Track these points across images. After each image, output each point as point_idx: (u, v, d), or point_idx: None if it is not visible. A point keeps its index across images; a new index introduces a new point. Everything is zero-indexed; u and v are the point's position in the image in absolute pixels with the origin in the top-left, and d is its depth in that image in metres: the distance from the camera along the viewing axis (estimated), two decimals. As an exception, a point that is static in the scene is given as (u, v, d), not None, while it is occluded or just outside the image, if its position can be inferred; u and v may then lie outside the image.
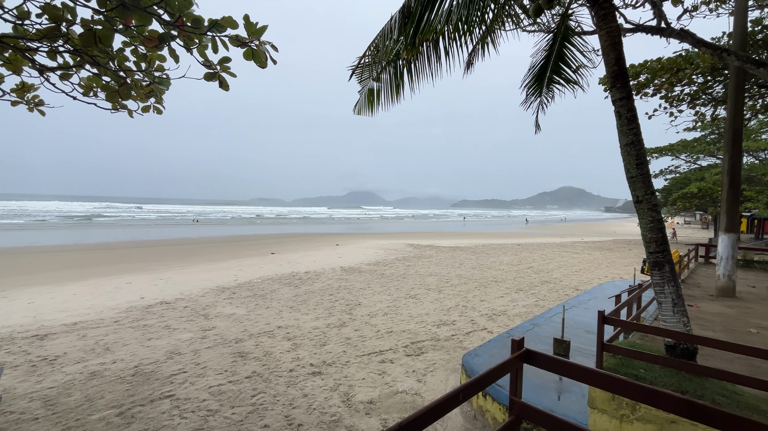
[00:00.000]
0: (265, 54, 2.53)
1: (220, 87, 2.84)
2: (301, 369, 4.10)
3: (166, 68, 3.15)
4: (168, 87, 3.34)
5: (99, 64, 2.88)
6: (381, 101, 3.53)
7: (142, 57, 3.11)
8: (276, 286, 8.25)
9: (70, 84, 3.31)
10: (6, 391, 3.51)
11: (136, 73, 3.06)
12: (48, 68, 3.08)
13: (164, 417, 3.14)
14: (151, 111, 3.67)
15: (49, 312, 6.05)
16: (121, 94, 3.12)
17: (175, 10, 2.41)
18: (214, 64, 2.74)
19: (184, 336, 5.08)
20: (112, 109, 3.57)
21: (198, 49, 2.61)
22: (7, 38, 2.73)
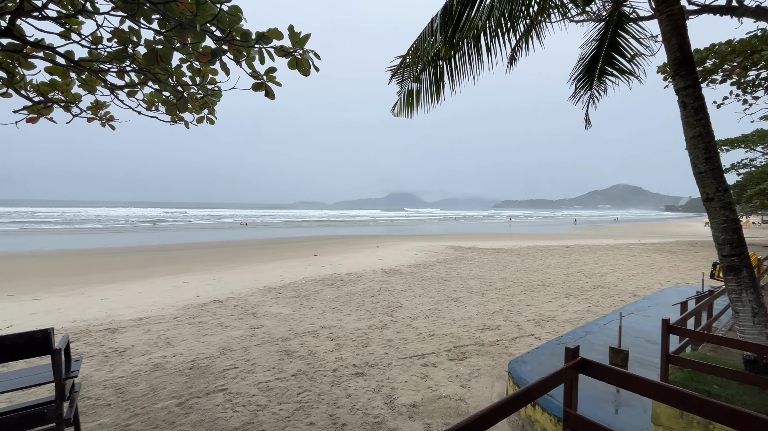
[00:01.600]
0: (308, 62, 2.60)
1: (266, 96, 2.97)
2: (344, 369, 4.17)
3: (217, 81, 3.35)
4: (219, 98, 3.55)
5: (160, 81, 3.12)
6: (421, 102, 3.51)
7: (196, 72, 3.33)
8: (319, 287, 8.46)
9: (135, 100, 3.62)
10: (84, 379, 3.90)
11: (191, 86, 3.28)
12: (117, 87, 3.39)
13: (218, 409, 3.33)
14: (204, 121, 3.91)
15: (119, 308, 6.65)
16: (179, 107, 3.36)
17: (226, 26, 2.55)
18: (261, 74, 2.87)
19: (235, 333, 5.36)
20: (171, 121, 3.85)
21: (246, 61, 2.74)
22: (84, 62, 3.03)
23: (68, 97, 3.53)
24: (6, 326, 5.71)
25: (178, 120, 3.78)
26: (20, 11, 2.48)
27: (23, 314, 6.34)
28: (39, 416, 1.73)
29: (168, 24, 2.61)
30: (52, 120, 3.65)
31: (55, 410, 1.73)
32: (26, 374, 2.08)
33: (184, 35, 2.64)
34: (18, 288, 8.60)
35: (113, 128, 4.00)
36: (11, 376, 2.06)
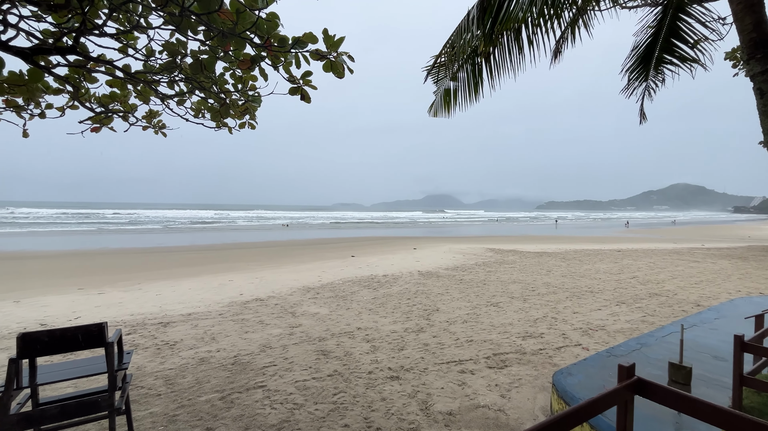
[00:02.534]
0: (342, 65, 2.61)
1: (302, 100, 3.01)
2: (379, 372, 4.14)
3: (257, 87, 3.46)
4: (260, 104, 3.66)
5: (205, 89, 3.28)
6: (458, 101, 3.40)
7: (238, 79, 3.45)
8: (356, 288, 8.53)
9: (184, 108, 3.82)
10: (139, 369, 4.19)
11: (233, 93, 3.42)
12: (168, 96, 3.59)
13: (257, 405, 3.42)
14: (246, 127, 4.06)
15: (170, 304, 7.11)
16: (222, 114, 3.50)
17: (264, 33, 2.61)
18: (297, 78, 2.92)
19: (274, 331, 5.52)
20: (216, 127, 4.03)
21: (283, 66, 2.79)
22: (139, 74, 3.24)
23: (126, 107, 3.80)
24: (75, 317, 6.29)
25: (222, 126, 3.95)
26: (83, 30, 2.69)
27: (89, 306, 6.95)
28: (94, 404, 1.84)
29: (212, 34, 2.72)
30: (113, 129, 3.94)
31: (108, 399, 1.84)
32: (87, 364, 2.24)
33: (226, 44, 2.74)
34: (87, 282, 9.48)
35: (165, 135, 4.25)
36: (75, 365, 2.23)
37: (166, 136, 4.26)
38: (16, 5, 2.54)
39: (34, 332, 1.77)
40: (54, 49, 2.68)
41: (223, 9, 2.42)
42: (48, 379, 2.05)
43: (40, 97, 3.33)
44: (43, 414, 1.78)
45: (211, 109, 3.65)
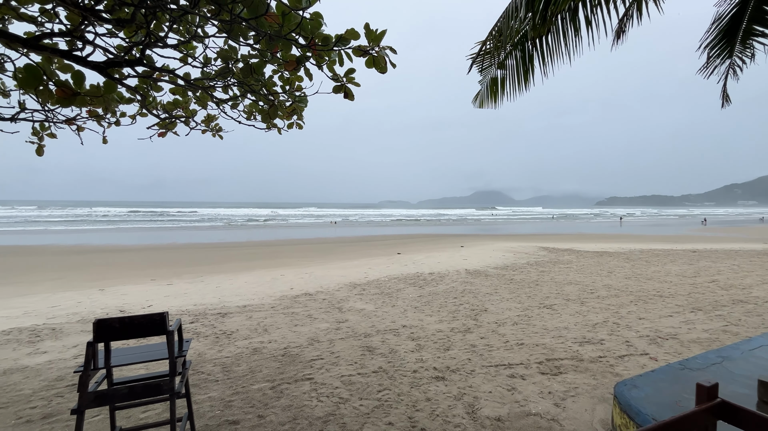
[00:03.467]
0: (384, 59, 2.57)
1: (345, 98, 3.02)
2: (424, 371, 4.08)
3: (303, 87, 3.54)
4: (306, 104, 3.74)
5: (255, 91, 3.42)
6: (506, 90, 3.22)
7: (285, 80, 3.56)
8: (401, 286, 8.51)
9: (237, 111, 4.02)
10: (200, 356, 4.52)
11: (281, 95, 3.53)
12: (223, 101, 3.80)
13: (305, 397, 3.53)
14: (294, 127, 4.19)
15: (228, 296, 7.60)
16: (271, 115, 3.63)
17: (308, 33, 2.65)
18: (341, 76, 2.94)
19: (322, 325, 5.67)
20: (266, 128, 4.20)
21: (327, 65, 2.82)
22: (197, 81, 3.46)
23: (187, 112, 4.08)
24: (148, 305, 6.95)
25: (272, 126, 4.10)
26: (149, 43, 2.92)
27: (160, 296, 7.65)
28: (157, 387, 1.99)
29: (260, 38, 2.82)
30: (176, 133, 4.25)
31: (168, 383, 1.98)
32: (155, 349, 2.44)
33: (274, 47, 2.82)
34: (158, 274, 10.46)
35: (221, 137, 4.52)
36: (145, 349, 2.44)
37: (222, 138, 4.53)
38: (93, 24, 2.81)
39: (108, 319, 1.95)
40: (125, 62, 2.95)
41: (269, 12, 2.50)
42: (120, 362, 2.26)
43: (116, 106, 3.67)
44: (115, 393, 1.95)
45: (262, 111, 3.80)
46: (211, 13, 2.72)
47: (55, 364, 4.31)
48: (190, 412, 2.61)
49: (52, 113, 3.66)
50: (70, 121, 3.86)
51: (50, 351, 4.71)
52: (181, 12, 2.59)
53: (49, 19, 3.02)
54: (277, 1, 2.48)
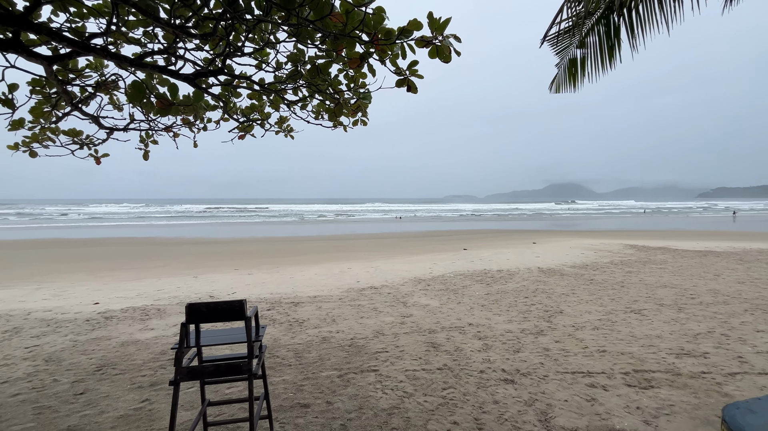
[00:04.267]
0: (448, 48, 2.48)
1: (408, 91, 2.98)
2: (492, 372, 3.92)
3: (367, 84, 3.58)
4: (370, 101, 3.79)
5: (321, 91, 3.55)
6: (587, 71, 2.90)
7: (350, 78, 3.63)
8: (467, 282, 8.28)
9: (306, 112, 4.22)
10: (275, 341, 4.88)
11: (345, 93, 3.61)
12: (293, 102, 4.01)
13: (370, 388, 3.61)
14: (359, 124, 4.27)
15: (300, 286, 8.09)
16: (336, 113, 3.74)
17: (371, 29, 2.66)
18: (404, 70, 2.90)
19: (387, 319, 5.76)
20: (332, 127, 4.34)
21: (390, 59, 2.81)
22: (270, 85, 3.69)
23: (262, 115, 4.38)
24: (232, 292, 7.71)
25: (338, 125, 4.23)
26: (229, 53, 3.18)
27: (242, 284, 8.43)
28: (237, 367, 2.17)
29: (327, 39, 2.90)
30: (253, 135, 4.59)
31: (247, 365, 2.15)
32: (237, 332, 2.67)
33: (339, 45, 2.89)
34: (240, 264, 11.54)
35: (293, 137, 4.78)
36: (228, 332, 2.69)
37: (293, 138, 4.80)
38: (183, 40, 3.15)
39: (197, 303, 2.18)
40: (209, 72, 3.25)
41: (334, 12, 2.55)
42: (207, 342, 2.52)
43: (203, 113, 4.07)
44: (203, 370, 2.18)
45: (328, 110, 3.94)
46: (281, 19, 2.87)
47: (159, 340, 4.99)
48: (266, 392, 2.82)
49: (155, 122, 4.19)
50: (168, 129, 4.38)
51: (156, 328, 5.46)
52: (256, 21, 2.76)
53: (150, 40, 3.44)
54: (341, 0, 2.52)
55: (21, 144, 3.94)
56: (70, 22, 3.21)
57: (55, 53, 3.04)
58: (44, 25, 2.62)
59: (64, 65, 3.36)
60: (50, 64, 2.68)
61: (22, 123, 3.74)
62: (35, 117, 3.79)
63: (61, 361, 4.30)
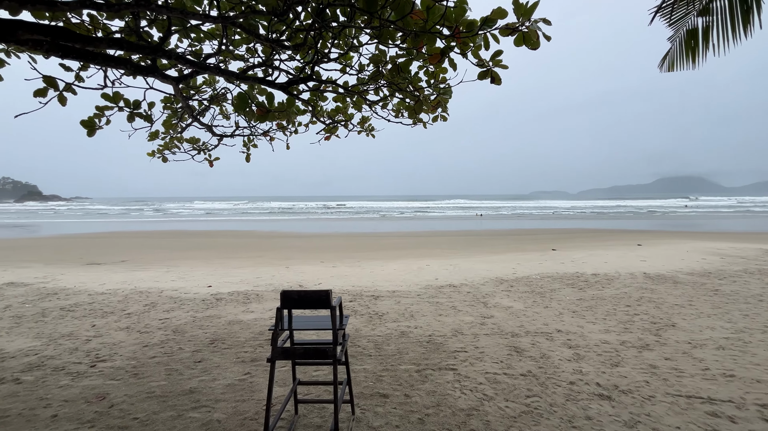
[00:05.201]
0: (536, 33, 2.32)
1: (492, 83, 2.87)
2: (584, 385, 3.57)
3: (447, 79, 3.53)
4: (450, 95, 3.73)
5: (402, 89, 3.60)
6: (710, 43, 2.43)
7: (430, 74, 3.62)
8: (556, 285, 7.65)
9: (386, 110, 4.32)
10: (357, 331, 5.12)
11: (426, 89, 3.61)
12: (374, 102, 4.14)
13: (448, 386, 3.58)
14: (439, 119, 4.23)
15: (380, 281, 8.35)
16: (417, 110, 3.76)
17: (452, 22, 2.61)
18: (487, 61, 2.79)
19: (466, 318, 5.63)
20: (412, 124, 4.38)
21: (473, 51, 2.73)
22: (354, 87, 3.86)
23: (346, 117, 4.61)
24: (318, 283, 8.29)
25: (418, 122, 4.25)
26: (317, 60, 3.41)
27: (327, 276, 9.02)
28: (323, 352, 2.35)
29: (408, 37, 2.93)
30: (337, 136, 4.85)
31: (332, 351, 2.30)
32: (322, 320, 2.88)
33: (419, 42, 2.90)
34: (325, 257, 12.34)
35: (374, 136, 4.94)
36: (316, 319, 2.92)
37: (374, 137, 4.95)
38: (278, 52, 3.47)
39: (290, 291, 2.40)
40: (300, 80, 3.54)
41: (414, 10, 2.57)
42: (298, 326, 2.76)
43: (294, 118, 4.43)
44: (294, 351, 2.40)
45: (408, 107, 3.98)
46: (363, 23, 2.98)
47: (258, 322, 5.62)
48: (349, 378, 2.98)
49: (255, 128, 4.70)
50: (266, 133, 4.87)
51: (255, 311, 6.16)
52: (341, 27, 2.91)
53: (251, 55, 3.86)
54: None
55: (156, 151, 4.76)
56: (191, 46, 3.76)
57: (180, 74, 3.61)
58: (173, 51, 3.11)
59: (186, 83, 3.95)
60: (177, 83, 3.19)
61: (157, 134, 4.52)
62: (166, 128, 4.54)
63: (185, 333, 5.12)
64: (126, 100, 3.46)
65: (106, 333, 5.11)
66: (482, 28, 2.46)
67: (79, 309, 6.20)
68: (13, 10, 2.05)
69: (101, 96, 3.28)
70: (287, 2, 2.66)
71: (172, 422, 3.02)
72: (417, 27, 2.66)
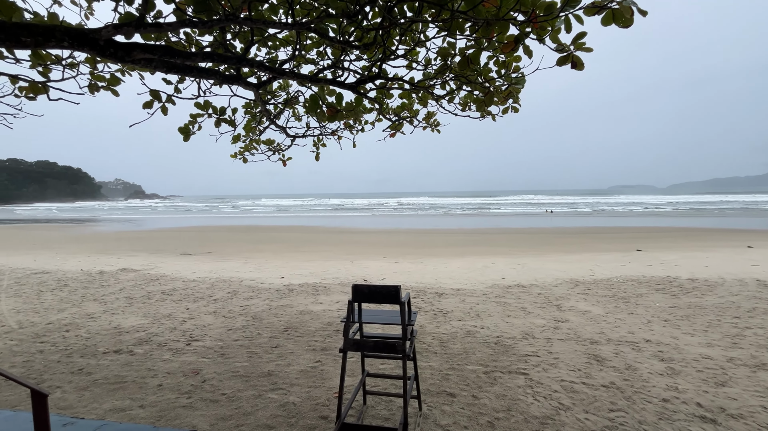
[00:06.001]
0: (629, 9, 2.08)
1: (573, 68, 2.64)
2: (680, 404, 3.16)
3: (520, 67, 3.33)
4: (523, 85, 3.53)
5: (471, 82, 3.48)
6: None
7: (501, 64, 3.45)
8: (643, 290, 6.87)
9: (453, 104, 4.22)
10: (421, 328, 5.12)
11: (497, 80, 3.45)
12: (441, 97, 4.07)
13: (519, 391, 3.41)
14: (509, 111, 4.03)
15: (443, 278, 8.24)
16: (486, 102, 3.61)
17: (528, 7, 2.45)
18: (567, 45, 2.58)
19: (537, 321, 5.31)
20: (480, 117, 4.23)
21: (551, 35, 2.54)
22: (420, 82, 3.83)
23: (411, 113, 4.60)
24: (381, 278, 8.44)
25: (486, 114, 4.09)
26: (385, 58, 3.44)
27: (390, 272, 9.13)
28: (393, 347, 2.38)
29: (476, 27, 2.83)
30: (403, 133, 4.87)
31: (401, 346, 2.32)
32: (388, 314, 2.93)
33: (490, 32, 2.77)
34: (387, 253, 12.50)
35: (439, 131, 4.87)
36: (384, 313, 2.97)
37: (440, 132, 4.88)
38: (347, 53, 3.57)
39: (361, 285, 2.47)
40: (368, 78, 3.60)
41: (487, -2, 2.46)
42: (367, 320, 2.83)
43: (361, 116, 4.53)
44: (365, 344, 2.47)
45: (476, 100, 3.84)
46: (431, 17, 2.93)
47: (326, 313, 5.89)
48: (416, 374, 2.99)
49: (324, 128, 4.90)
50: (334, 132, 5.05)
51: (324, 303, 6.46)
52: (410, 23, 2.90)
53: (321, 58, 4.02)
54: (496, -17, 2.40)
55: (238, 153, 5.20)
56: (268, 54, 4.03)
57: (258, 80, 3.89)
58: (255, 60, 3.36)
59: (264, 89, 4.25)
60: (257, 89, 3.44)
61: (239, 137, 4.93)
62: (246, 132, 4.94)
63: (262, 320, 5.56)
64: (213, 107, 3.83)
65: (197, 316, 5.75)
66: (563, 10, 2.27)
67: (176, 294, 7.06)
68: (129, 34, 2.38)
69: (194, 105, 3.67)
70: (358, 3, 2.71)
71: (254, 401, 3.30)
72: (489, 15, 2.55)
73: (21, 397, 3.33)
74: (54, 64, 3.18)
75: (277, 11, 3.30)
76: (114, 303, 6.48)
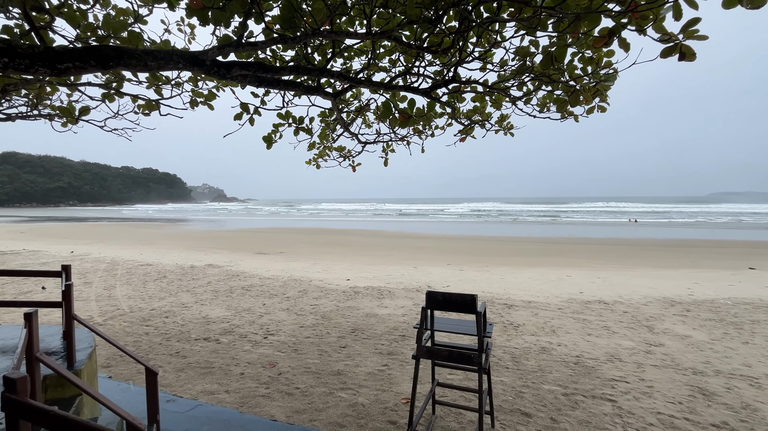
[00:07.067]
0: (762, -15, 1.78)
1: (681, 59, 2.35)
2: (823, 459, 2.59)
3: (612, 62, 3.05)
4: (614, 81, 3.23)
5: (553, 81, 3.27)
6: None
7: (588, 61, 3.19)
8: (761, 316, 5.82)
9: (530, 106, 4.00)
10: (492, 340, 4.89)
11: (584, 77, 3.19)
12: (517, 98, 3.89)
13: (606, 419, 3.08)
14: (595, 111, 3.71)
15: (512, 289, 7.81)
16: (571, 102, 3.35)
17: (627, -5, 2.23)
18: (675, 34, 2.30)
19: (624, 342, 4.77)
20: (561, 118, 3.96)
21: (654, 25, 2.29)
22: (495, 84, 3.70)
23: (484, 116, 4.46)
24: (446, 285, 8.26)
25: (568, 115, 3.82)
26: (459, 61, 3.38)
27: (454, 279, 8.91)
28: (468, 357, 2.30)
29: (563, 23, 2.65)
30: (473, 137, 4.74)
31: (477, 358, 2.23)
32: (464, 324, 2.84)
33: (578, 27, 2.58)
34: (451, 260, 12.23)
35: (512, 135, 4.66)
36: (456, 322, 2.90)
37: (513, 136, 4.66)
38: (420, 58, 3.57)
39: (435, 292, 2.43)
40: (442, 83, 3.57)
41: (578, -10, 2.29)
42: (440, 328, 2.77)
43: (432, 120, 4.50)
44: (439, 352, 2.42)
45: (557, 100, 3.59)
46: (510, 15, 2.82)
47: (392, 317, 5.92)
48: (490, 389, 2.85)
49: (394, 134, 4.96)
50: (403, 138, 5.09)
51: (389, 307, 6.51)
52: (489, 22, 2.81)
53: (393, 65, 4.07)
54: (589, -27, 2.23)
55: (312, 159, 5.48)
56: (344, 64, 4.20)
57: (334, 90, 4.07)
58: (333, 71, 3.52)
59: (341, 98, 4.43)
60: (335, 98, 3.59)
61: (314, 144, 5.19)
62: (321, 139, 5.19)
63: (330, 319, 5.77)
64: (293, 117, 4.08)
65: (272, 312, 6.15)
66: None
67: (254, 290, 7.64)
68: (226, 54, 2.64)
69: (276, 115, 3.95)
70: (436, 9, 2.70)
71: (325, 398, 3.42)
72: (579, 8, 2.37)
73: (132, 373, 3.84)
74: (164, 84, 3.65)
75: (353, 23, 3.43)
76: (203, 295, 7.22)
